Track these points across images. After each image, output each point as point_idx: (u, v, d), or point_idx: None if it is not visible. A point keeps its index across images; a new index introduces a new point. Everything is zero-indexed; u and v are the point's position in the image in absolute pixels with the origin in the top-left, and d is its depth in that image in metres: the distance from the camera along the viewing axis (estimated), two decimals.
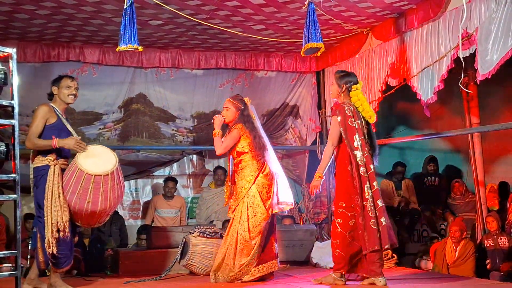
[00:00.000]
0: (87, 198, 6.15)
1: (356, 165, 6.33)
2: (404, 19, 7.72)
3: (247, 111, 7.09)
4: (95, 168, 6.17)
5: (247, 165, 6.92)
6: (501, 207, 9.97)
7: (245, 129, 6.95)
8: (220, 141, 6.98)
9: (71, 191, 6.15)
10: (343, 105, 6.48)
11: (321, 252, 8.38)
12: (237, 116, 7.05)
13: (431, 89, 7.26)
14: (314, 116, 10.38)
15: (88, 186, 6.12)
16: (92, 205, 6.19)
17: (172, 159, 10.60)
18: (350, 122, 6.40)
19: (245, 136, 6.93)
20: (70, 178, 6.17)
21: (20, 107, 5.43)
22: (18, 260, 5.20)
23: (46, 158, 6.23)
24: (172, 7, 7.19)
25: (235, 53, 9.81)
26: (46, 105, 6.38)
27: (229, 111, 7.08)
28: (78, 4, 7.24)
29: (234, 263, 6.80)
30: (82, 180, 6.12)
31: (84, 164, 6.16)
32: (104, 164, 6.27)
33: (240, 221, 6.83)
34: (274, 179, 7.00)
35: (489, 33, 6.31)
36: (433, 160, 10.93)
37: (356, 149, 6.35)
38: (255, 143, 6.91)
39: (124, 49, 6.30)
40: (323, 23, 7.83)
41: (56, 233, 6.09)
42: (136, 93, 9.69)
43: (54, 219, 6.09)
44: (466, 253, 8.65)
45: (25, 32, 8.27)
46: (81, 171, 6.11)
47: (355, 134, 6.37)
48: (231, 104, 7.09)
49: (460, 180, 10.62)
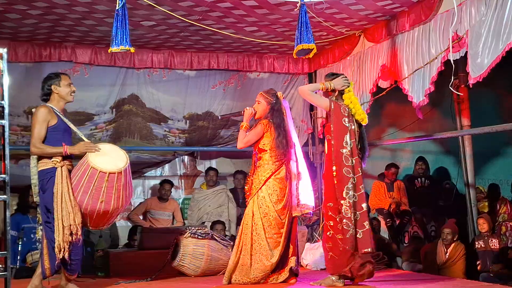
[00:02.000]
0: (100, 198, 5.99)
1: (340, 164, 6.30)
2: (396, 21, 7.75)
3: (279, 105, 6.90)
4: (108, 166, 6.01)
5: (264, 164, 6.78)
6: (491, 209, 10.02)
7: (271, 126, 6.79)
8: (244, 134, 6.85)
9: (83, 191, 5.99)
10: (340, 104, 6.47)
11: (312, 253, 8.38)
12: (267, 110, 6.89)
13: (422, 91, 7.29)
14: (306, 117, 10.39)
15: (101, 185, 5.97)
16: (105, 205, 6.03)
17: (164, 160, 10.60)
18: (343, 122, 6.38)
19: (269, 133, 6.78)
20: (81, 178, 6.00)
21: (11, 107, 5.43)
22: (8, 261, 5.17)
23: (52, 161, 6.02)
24: (165, 8, 7.19)
25: (227, 54, 9.81)
26: (45, 107, 6.15)
27: (260, 104, 6.94)
28: (70, 4, 7.23)
29: (251, 264, 6.67)
30: (95, 179, 5.95)
31: (97, 162, 5.99)
32: (115, 162, 6.11)
33: (254, 220, 6.70)
34: (292, 182, 6.85)
35: (479, 36, 6.35)
36: (422, 159, 10.94)
37: (344, 148, 6.32)
38: (277, 142, 6.73)
39: (116, 50, 6.23)
40: (315, 25, 7.84)
41: (69, 236, 5.91)
42: (128, 94, 9.66)
43: (66, 222, 5.90)
44: (457, 255, 8.68)
45: (17, 32, 8.25)
46: (94, 169, 5.95)
47: (346, 134, 6.35)
48: (262, 97, 6.94)
49: (450, 182, 10.66)
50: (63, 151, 6.01)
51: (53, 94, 6.23)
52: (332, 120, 6.42)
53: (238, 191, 10.52)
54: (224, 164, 11.25)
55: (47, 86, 6.24)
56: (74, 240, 5.95)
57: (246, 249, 6.69)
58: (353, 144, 6.36)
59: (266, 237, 6.66)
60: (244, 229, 6.77)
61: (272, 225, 6.69)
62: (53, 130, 6.08)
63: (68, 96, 6.27)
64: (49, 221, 6.02)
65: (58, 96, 6.23)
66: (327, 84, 6.55)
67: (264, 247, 6.65)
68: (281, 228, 6.72)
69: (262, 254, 6.65)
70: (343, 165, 6.30)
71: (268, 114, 6.90)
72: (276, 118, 6.84)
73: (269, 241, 6.68)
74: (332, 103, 6.44)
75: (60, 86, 6.22)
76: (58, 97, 6.23)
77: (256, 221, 6.70)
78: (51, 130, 6.08)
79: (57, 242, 5.89)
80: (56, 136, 6.08)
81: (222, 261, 7.64)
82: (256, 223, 6.70)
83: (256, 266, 6.66)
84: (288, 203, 6.79)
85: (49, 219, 6.01)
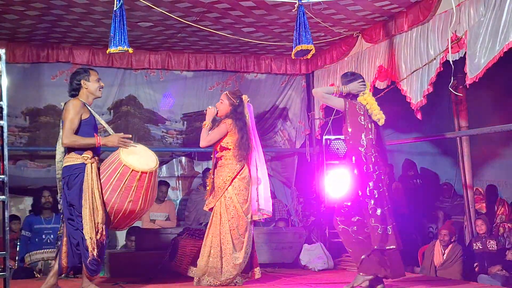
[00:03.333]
0: (129, 197, 5.91)
1: (360, 163, 6.30)
2: (394, 22, 7.75)
3: (242, 108, 6.97)
4: (140, 165, 5.93)
5: (227, 163, 6.81)
6: (489, 210, 10.02)
7: (235, 126, 6.85)
8: (207, 132, 6.90)
9: (112, 189, 5.90)
10: (355, 103, 6.44)
11: (309, 254, 8.39)
12: (229, 111, 6.95)
13: (420, 92, 7.28)
14: (303, 118, 10.39)
15: (132, 184, 5.88)
16: (133, 205, 5.95)
17: (161, 161, 10.57)
18: (360, 120, 6.36)
19: (232, 132, 6.83)
20: (111, 176, 5.90)
21: (9, 108, 5.40)
22: (7, 261, 5.16)
23: (82, 156, 5.90)
24: (162, 9, 7.19)
25: (225, 55, 9.81)
26: (79, 100, 6.01)
27: (222, 104, 7.00)
28: (68, 5, 7.23)
29: (222, 266, 6.71)
30: (127, 177, 5.87)
31: (129, 160, 5.90)
32: (146, 161, 6.05)
33: (222, 223, 6.74)
34: (252, 184, 6.91)
35: (477, 37, 6.32)
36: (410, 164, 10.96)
37: (362, 146, 6.33)
38: (241, 143, 6.79)
39: (114, 51, 6.22)
40: (313, 26, 7.84)
41: (99, 234, 5.82)
42: (126, 95, 9.67)
43: (96, 219, 5.81)
44: (454, 256, 8.67)
45: (14, 32, 8.25)
46: (126, 167, 5.86)
47: (363, 133, 6.34)
48: (226, 97, 7.00)
49: (448, 183, 10.66)
50: (96, 142, 5.92)
51: (82, 89, 6.09)
52: (348, 120, 6.38)
53: None
54: None
55: (76, 81, 6.10)
56: (100, 239, 5.85)
57: (216, 252, 6.72)
58: (368, 141, 6.34)
59: (232, 239, 6.72)
60: (213, 230, 6.78)
61: (239, 225, 6.75)
62: (85, 124, 5.98)
63: (97, 91, 6.15)
64: (72, 218, 5.93)
65: (87, 91, 6.10)
66: (342, 88, 6.51)
67: (231, 249, 6.70)
68: (246, 229, 6.79)
69: (231, 256, 6.69)
70: (363, 163, 6.30)
71: (230, 114, 6.94)
72: (239, 120, 6.89)
73: (235, 242, 6.73)
74: (347, 103, 6.40)
75: (89, 81, 6.09)
76: (87, 92, 6.10)
77: (223, 222, 6.73)
78: (83, 124, 5.97)
79: (90, 240, 5.77)
80: (86, 130, 5.98)
81: None
82: (224, 225, 6.73)
83: (226, 268, 6.71)
84: (251, 206, 6.86)
85: (72, 216, 5.92)
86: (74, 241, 5.92)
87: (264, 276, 7.55)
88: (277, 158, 10.84)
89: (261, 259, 8.34)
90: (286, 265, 8.49)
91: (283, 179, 10.85)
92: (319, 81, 9.87)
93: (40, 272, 7.89)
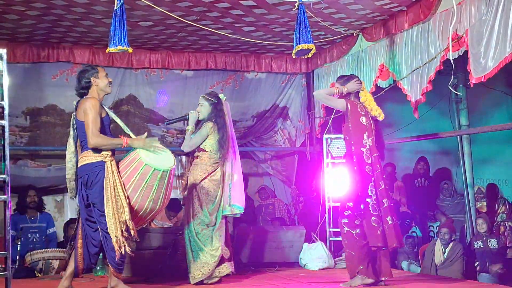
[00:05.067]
0: (150, 196, 5.85)
1: (361, 163, 6.37)
2: (394, 21, 7.74)
3: (221, 105, 7.05)
4: (160, 164, 5.88)
5: (201, 163, 6.91)
6: (489, 209, 10.02)
7: (215, 128, 6.92)
8: (189, 137, 6.97)
9: (133, 189, 5.80)
10: (356, 103, 6.51)
11: (310, 253, 8.38)
12: (210, 111, 7.01)
13: (420, 90, 7.29)
14: (303, 117, 10.39)
15: (153, 183, 5.83)
16: (153, 204, 5.89)
17: None
18: (361, 120, 6.43)
19: (212, 135, 6.90)
20: (131, 175, 5.82)
21: (10, 107, 5.40)
22: (8, 261, 5.16)
23: (101, 154, 5.79)
24: (163, 9, 7.19)
25: (225, 55, 9.81)
26: (96, 99, 5.89)
27: (203, 106, 7.06)
28: (68, 5, 7.23)
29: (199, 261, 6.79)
30: (149, 177, 5.80)
31: (150, 160, 5.84)
32: (165, 160, 6.00)
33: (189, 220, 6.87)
34: (226, 180, 6.97)
35: (481, 36, 6.27)
36: (423, 159, 10.94)
37: (363, 146, 6.38)
38: (221, 142, 6.87)
39: (114, 50, 6.22)
40: (313, 25, 7.84)
41: (125, 232, 5.71)
42: (126, 95, 9.66)
43: (121, 217, 5.67)
44: (455, 255, 8.68)
45: (15, 32, 8.25)
46: (148, 167, 5.79)
47: (365, 133, 6.42)
48: (204, 99, 7.07)
49: (449, 182, 10.66)
50: (124, 143, 5.86)
51: (92, 87, 5.98)
52: (350, 120, 6.46)
53: None
54: None
55: (85, 79, 5.98)
56: (134, 235, 5.78)
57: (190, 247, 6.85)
58: (371, 142, 6.42)
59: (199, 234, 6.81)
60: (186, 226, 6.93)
61: (202, 222, 6.82)
62: (102, 122, 5.91)
63: (107, 87, 6.06)
64: (90, 219, 5.86)
65: (98, 89, 5.99)
66: (342, 89, 6.59)
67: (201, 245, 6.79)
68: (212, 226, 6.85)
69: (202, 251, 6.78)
70: (365, 163, 6.36)
71: (211, 115, 7.00)
72: (219, 118, 6.96)
73: (202, 238, 6.81)
74: (348, 103, 6.48)
75: (98, 78, 5.99)
76: (98, 89, 5.99)
77: (190, 219, 6.84)
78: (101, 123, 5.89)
79: (116, 238, 5.66)
80: (104, 129, 5.91)
81: None
82: (192, 221, 6.84)
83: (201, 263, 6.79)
84: (219, 203, 6.90)
85: (91, 217, 5.84)
86: (93, 241, 5.87)
87: (265, 275, 7.56)
88: (278, 157, 10.85)
89: (261, 258, 8.38)
90: (287, 264, 8.48)
91: (283, 178, 10.86)
92: (319, 80, 9.87)
93: (41, 271, 7.88)
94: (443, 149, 11.47)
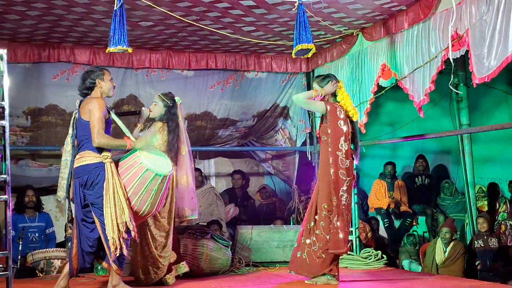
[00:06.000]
0: (148, 200, 5.90)
1: (336, 166, 6.42)
2: (394, 20, 7.74)
3: (175, 109, 7.04)
4: (161, 169, 5.93)
5: None
6: (490, 208, 10.03)
7: (164, 128, 6.91)
8: (138, 134, 6.93)
9: (133, 192, 5.84)
10: (335, 105, 6.56)
11: None
12: (163, 112, 7.01)
13: (422, 90, 7.28)
14: (304, 117, 10.39)
15: (153, 187, 5.87)
16: (150, 207, 5.95)
17: None
18: (339, 124, 6.47)
19: (161, 135, 6.88)
20: (132, 179, 5.86)
21: (11, 108, 5.41)
22: (9, 261, 5.17)
23: (102, 155, 5.81)
24: (163, 9, 7.19)
25: (225, 54, 9.80)
26: (102, 99, 5.91)
27: (156, 106, 7.06)
28: (69, 5, 7.23)
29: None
30: (149, 181, 5.85)
31: (151, 164, 5.87)
32: (164, 164, 6.06)
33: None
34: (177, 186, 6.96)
35: (482, 35, 6.23)
36: (422, 157, 10.95)
37: (339, 150, 6.42)
38: (170, 145, 6.86)
39: (113, 50, 6.24)
40: (313, 25, 7.84)
41: (125, 233, 5.71)
42: (127, 94, 9.66)
43: (119, 219, 5.70)
44: (456, 254, 8.69)
45: (16, 33, 8.25)
46: (149, 172, 5.84)
47: (342, 137, 6.47)
48: (160, 99, 7.06)
49: (449, 181, 10.67)
50: (128, 144, 5.89)
51: (96, 88, 6.01)
52: (328, 122, 6.54)
53: (236, 191, 10.54)
54: (222, 164, 11.27)
55: (90, 79, 6.00)
56: (134, 236, 5.80)
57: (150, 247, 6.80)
58: (347, 146, 6.50)
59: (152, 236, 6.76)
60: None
61: (157, 226, 6.78)
62: (106, 123, 5.91)
63: (111, 91, 6.08)
64: (88, 220, 5.87)
65: (101, 91, 6.01)
66: (320, 91, 6.67)
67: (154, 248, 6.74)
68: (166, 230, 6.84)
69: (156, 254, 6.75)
70: (339, 167, 6.43)
71: (163, 117, 7.00)
72: (171, 121, 6.95)
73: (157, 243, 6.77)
74: (327, 106, 6.56)
75: (103, 81, 6.01)
76: (101, 91, 6.01)
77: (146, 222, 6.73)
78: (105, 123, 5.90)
79: (112, 240, 5.68)
80: (107, 130, 5.92)
81: (221, 260, 7.66)
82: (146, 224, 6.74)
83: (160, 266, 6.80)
84: (172, 206, 6.88)
85: (88, 218, 5.86)
86: (88, 242, 5.87)
87: (266, 274, 7.56)
88: (278, 157, 10.86)
89: (263, 257, 8.39)
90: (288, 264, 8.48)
91: (284, 177, 10.87)
92: None
93: (42, 271, 7.89)
94: (443, 148, 11.49)
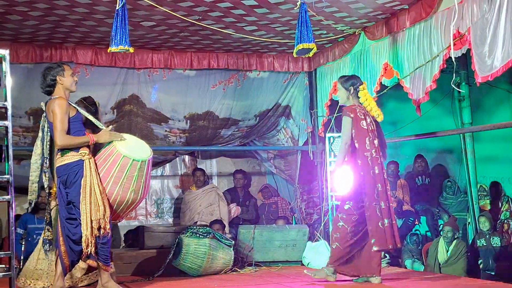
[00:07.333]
0: (131, 187, 5.93)
1: (367, 166, 6.47)
2: (396, 19, 7.74)
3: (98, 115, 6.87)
4: (138, 154, 5.95)
5: None
6: (493, 207, 10.02)
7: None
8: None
9: (113, 182, 5.90)
10: (354, 108, 6.64)
11: (313, 252, 8.40)
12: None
13: (423, 89, 7.27)
14: (306, 116, 10.38)
15: (133, 174, 5.90)
16: (135, 194, 5.98)
17: (164, 159, 10.62)
18: (362, 125, 6.52)
19: None
20: (110, 169, 5.90)
21: (13, 108, 5.42)
22: (12, 261, 5.18)
23: (79, 153, 5.88)
24: (165, 8, 7.19)
25: (227, 54, 9.80)
26: (63, 99, 5.94)
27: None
28: (71, 5, 7.24)
29: None
30: (128, 168, 5.88)
31: (127, 151, 5.92)
32: (141, 150, 6.08)
33: None
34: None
35: (484, 35, 6.21)
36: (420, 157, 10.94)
37: (367, 151, 6.48)
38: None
39: (115, 50, 6.24)
40: (315, 24, 7.85)
41: (97, 231, 5.77)
42: (128, 94, 9.65)
43: (94, 216, 5.75)
44: (458, 253, 8.69)
45: (18, 33, 8.26)
46: (126, 158, 5.88)
47: (367, 136, 6.50)
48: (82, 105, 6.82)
49: (452, 180, 10.66)
50: (90, 140, 5.92)
51: (57, 85, 6.05)
52: (353, 126, 6.57)
53: (238, 190, 10.54)
54: (224, 164, 11.28)
55: (51, 76, 6.05)
56: (103, 234, 5.83)
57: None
58: (372, 145, 6.54)
59: None
60: None
61: None
62: (73, 121, 5.96)
63: (73, 86, 6.11)
64: (72, 217, 5.90)
65: (63, 87, 6.05)
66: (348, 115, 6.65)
67: None
68: None
69: None
70: (370, 168, 6.46)
71: None
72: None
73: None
74: (351, 114, 6.61)
75: (64, 77, 6.04)
76: (63, 88, 6.05)
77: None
78: (72, 121, 5.94)
79: (85, 237, 5.75)
80: (77, 127, 5.97)
81: (224, 260, 7.67)
82: None
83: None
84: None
85: (72, 215, 5.89)
86: (73, 238, 5.89)
87: (268, 274, 7.57)
88: (280, 156, 10.86)
89: (265, 257, 8.40)
90: (291, 263, 8.50)
91: (286, 176, 10.87)
92: (321, 78, 9.85)
93: None
94: (445, 147, 11.47)
